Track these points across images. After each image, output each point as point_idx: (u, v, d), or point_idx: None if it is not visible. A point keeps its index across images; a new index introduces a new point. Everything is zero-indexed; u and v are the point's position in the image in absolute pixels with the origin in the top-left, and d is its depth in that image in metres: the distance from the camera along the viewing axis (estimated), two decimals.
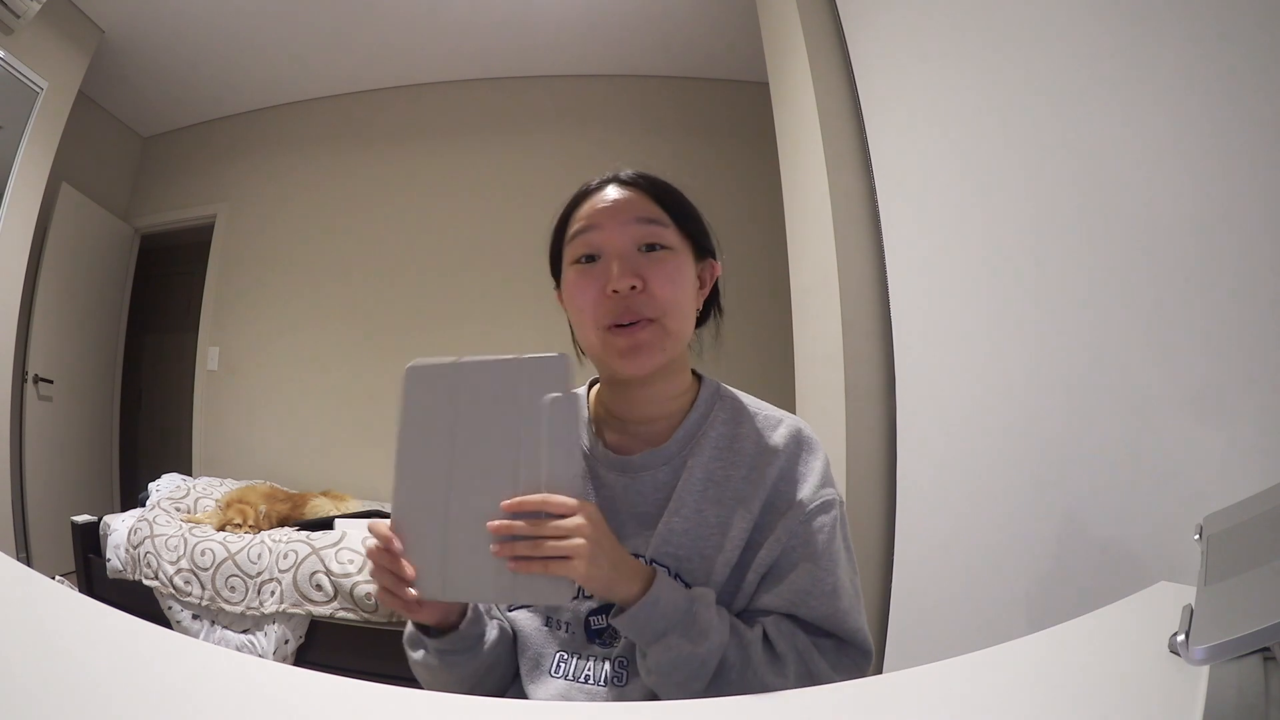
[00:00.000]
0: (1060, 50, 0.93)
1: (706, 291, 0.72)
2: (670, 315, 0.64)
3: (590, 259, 0.66)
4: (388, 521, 0.58)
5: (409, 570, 0.56)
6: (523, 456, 0.56)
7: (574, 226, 0.68)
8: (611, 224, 0.65)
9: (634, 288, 0.63)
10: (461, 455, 0.57)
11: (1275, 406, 0.63)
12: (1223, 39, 0.68)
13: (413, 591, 0.56)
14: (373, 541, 0.57)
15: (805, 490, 0.65)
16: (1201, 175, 0.71)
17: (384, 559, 0.56)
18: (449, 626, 0.64)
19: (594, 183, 0.70)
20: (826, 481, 0.66)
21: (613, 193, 0.68)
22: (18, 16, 2.41)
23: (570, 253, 0.68)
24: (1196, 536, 0.55)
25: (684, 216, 0.68)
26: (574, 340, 0.72)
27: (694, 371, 0.75)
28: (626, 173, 0.70)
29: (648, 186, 0.68)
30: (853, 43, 1.64)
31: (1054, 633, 0.55)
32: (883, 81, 1.51)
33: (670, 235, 0.66)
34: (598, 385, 0.76)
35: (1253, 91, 0.65)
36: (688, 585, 0.64)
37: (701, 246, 0.71)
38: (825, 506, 0.65)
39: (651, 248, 0.65)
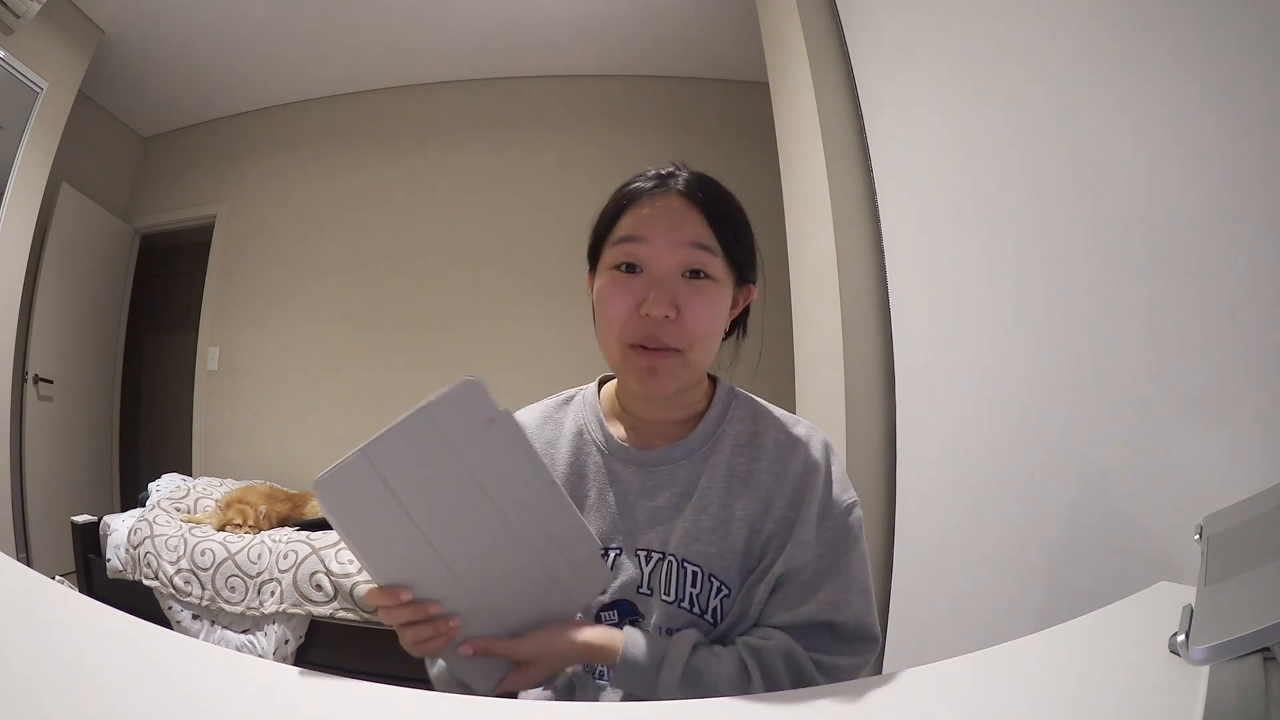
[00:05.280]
0: (1060, 49, 0.93)
1: (737, 312, 0.70)
2: (696, 348, 0.63)
3: (630, 268, 0.64)
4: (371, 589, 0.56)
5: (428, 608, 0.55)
6: (496, 498, 0.55)
7: (622, 228, 0.65)
8: (662, 242, 0.62)
9: (668, 317, 0.62)
10: (437, 532, 0.54)
11: (1275, 407, 0.63)
12: (1224, 37, 0.68)
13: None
14: (382, 603, 0.54)
15: (833, 493, 0.67)
16: (1202, 175, 0.71)
17: (403, 613, 0.55)
18: None
19: (651, 180, 0.66)
20: (848, 485, 0.68)
21: (669, 202, 0.64)
22: (18, 16, 2.41)
23: (611, 255, 0.65)
24: (1196, 536, 0.55)
25: (736, 244, 0.65)
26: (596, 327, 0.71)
27: (709, 375, 0.75)
28: (686, 175, 0.66)
29: (707, 203, 0.64)
30: (853, 43, 1.63)
31: (1054, 633, 0.55)
32: (883, 81, 1.51)
33: (717, 265, 0.64)
34: (613, 380, 0.75)
35: (1254, 91, 0.65)
36: (723, 583, 0.65)
37: (744, 274, 0.68)
38: (849, 509, 0.67)
39: (696, 273, 0.63)
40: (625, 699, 0.62)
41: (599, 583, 0.62)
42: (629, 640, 0.61)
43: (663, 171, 0.67)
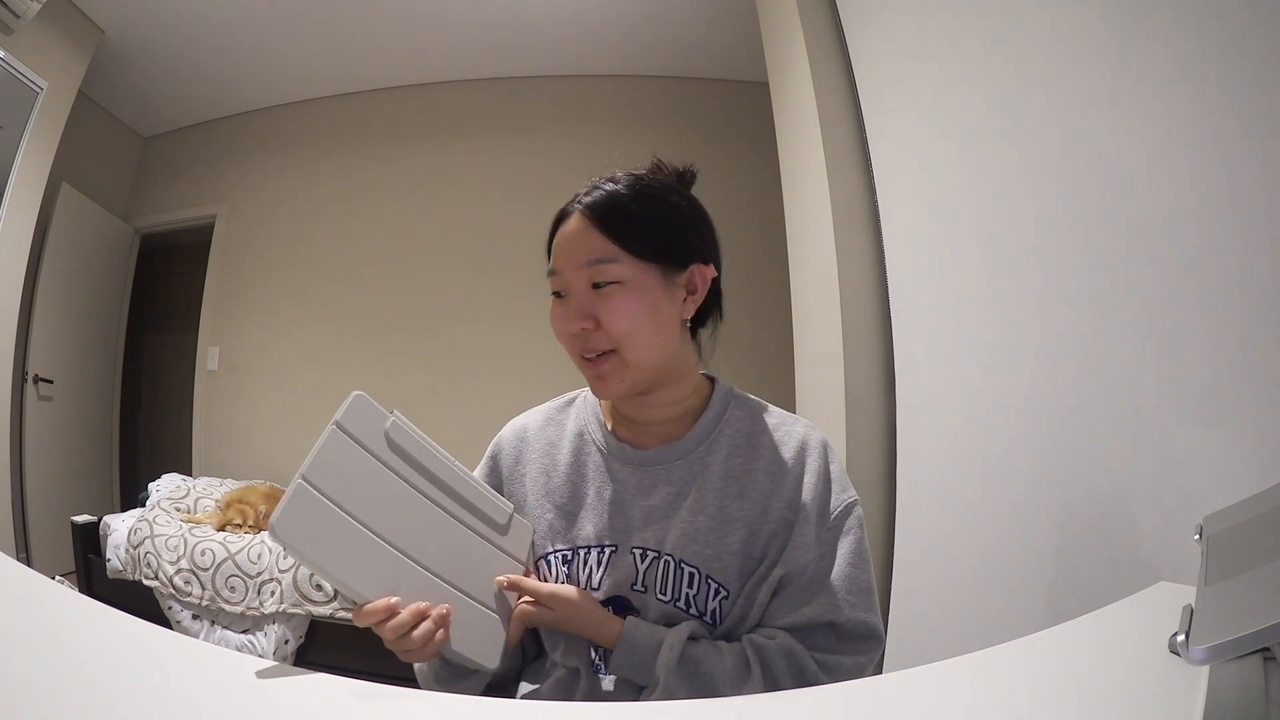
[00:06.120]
0: (1061, 49, 0.93)
1: (700, 297, 0.70)
2: (626, 347, 0.66)
3: (558, 294, 0.69)
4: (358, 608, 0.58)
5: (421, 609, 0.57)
6: (420, 487, 0.62)
7: (550, 260, 0.70)
8: (566, 267, 0.67)
9: (587, 328, 0.66)
10: (391, 532, 0.59)
11: (1275, 406, 0.63)
12: (1223, 35, 0.68)
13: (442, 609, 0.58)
14: (377, 618, 0.56)
15: (832, 493, 0.68)
16: (1202, 174, 0.71)
17: (404, 620, 0.56)
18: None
19: (567, 207, 0.70)
20: (847, 484, 0.69)
21: (570, 227, 0.68)
22: (18, 16, 2.40)
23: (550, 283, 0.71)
24: (1196, 536, 0.55)
25: (643, 242, 0.66)
26: None
27: (707, 375, 0.76)
28: (586, 199, 0.69)
29: (600, 215, 0.67)
30: (853, 43, 1.63)
31: (1054, 633, 0.55)
32: (883, 81, 1.51)
33: (620, 269, 0.65)
34: None
35: (1254, 90, 0.65)
36: (720, 585, 0.65)
37: (674, 260, 0.68)
38: (849, 509, 0.68)
39: (600, 284, 0.66)
40: (619, 692, 0.63)
41: (527, 537, 0.70)
42: (630, 623, 0.63)
43: (578, 192, 0.70)
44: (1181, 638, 0.43)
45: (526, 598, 0.66)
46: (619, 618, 0.65)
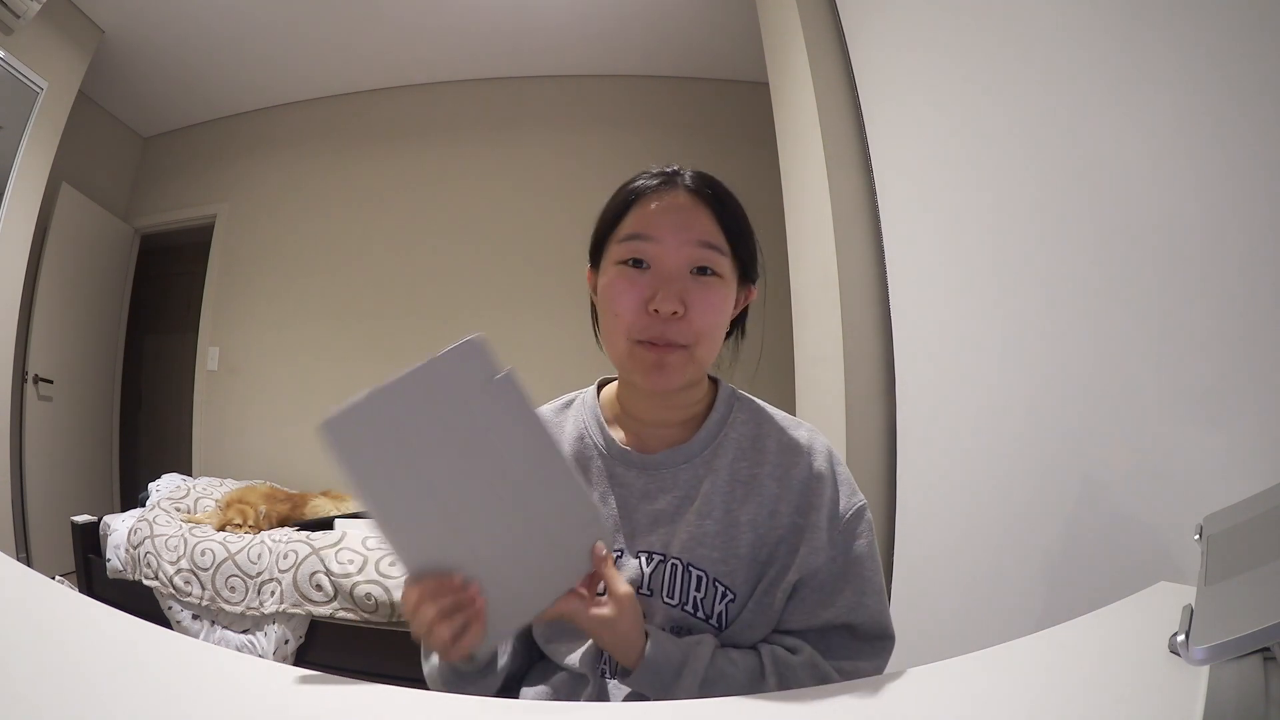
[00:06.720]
0: (1062, 49, 0.93)
1: (736, 312, 0.70)
2: (701, 343, 0.64)
3: (637, 263, 0.64)
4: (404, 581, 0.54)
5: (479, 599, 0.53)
6: (498, 457, 0.55)
7: (628, 225, 0.65)
8: (671, 240, 0.63)
9: (676, 313, 0.62)
10: (441, 484, 0.54)
11: (1275, 406, 0.63)
12: (1227, 31, 0.68)
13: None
14: (417, 592, 0.52)
15: (842, 497, 0.67)
16: (1205, 175, 0.71)
17: (450, 599, 0.52)
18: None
19: (656, 178, 0.67)
20: (855, 488, 0.69)
21: (677, 200, 0.65)
22: (18, 16, 2.41)
23: (618, 251, 0.65)
24: (1196, 536, 0.55)
25: (741, 244, 0.66)
26: (594, 323, 0.72)
27: (710, 376, 0.75)
28: (692, 174, 0.67)
29: (714, 202, 0.65)
30: (853, 43, 1.64)
31: (1054, 633, 0.55)
32: (883, 81, 1.51)
33: (724, 263, 0.65)
34: (613, 383, 0.75)
35: (1257, 92, 0.65)
36: (728, 588, 0.64)
37: (747, 274, 0.69)
38: (860, 513, 0.67)
39: (703, 270, 0.64)
40: (631, 695, 0.62)
41: (591, 544, 0.61)
42: (653, 641, 0.60)
43: (668, 169, 0.68)
44: (1181, 638, 0.43)
45: (583, 589, 0.59)
46: (638, 625, 0.61)
